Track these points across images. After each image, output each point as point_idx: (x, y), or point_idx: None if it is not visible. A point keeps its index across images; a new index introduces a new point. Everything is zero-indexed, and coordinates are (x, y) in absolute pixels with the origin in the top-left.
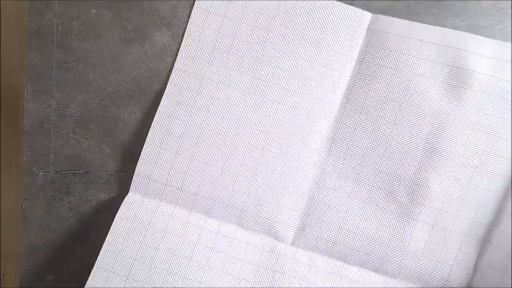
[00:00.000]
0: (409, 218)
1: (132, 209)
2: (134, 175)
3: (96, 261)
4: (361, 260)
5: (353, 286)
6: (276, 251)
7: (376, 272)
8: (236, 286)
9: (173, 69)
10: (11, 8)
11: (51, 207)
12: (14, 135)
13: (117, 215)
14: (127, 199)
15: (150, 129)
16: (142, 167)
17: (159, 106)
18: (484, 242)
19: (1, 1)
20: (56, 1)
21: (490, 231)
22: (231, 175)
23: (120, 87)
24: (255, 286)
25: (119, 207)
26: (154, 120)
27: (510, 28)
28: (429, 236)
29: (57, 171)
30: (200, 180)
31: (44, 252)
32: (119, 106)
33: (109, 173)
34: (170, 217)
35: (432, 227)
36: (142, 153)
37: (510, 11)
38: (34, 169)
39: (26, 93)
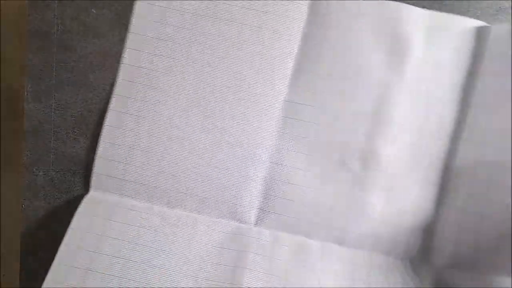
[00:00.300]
0: (364, 186)
1: (92, 206)
2: (92, 174)
3: (55, 259)
4: (324, 234)
5: (318, 261)
6: (239, 233)
7: (340, 244)
8: (200, 268)
9: (121, 64)
10: (11, 8)
11: (51, 207)
12: (14, 135)
13: (76, 213)
14: (86, 197)
15: (103, 127)
16: (99, 165)
17: (109, 103)
18: (438, 202)
19: (1, 1)
20: (56, 1)
21: (442, 191)
22: (188, 164)
23: None
24: (220, 267)
25: None
26: (105, 118)
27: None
28: (385, 202)
29: (57, 171)
30: (158, 173)
31: (44, 252)
32: None
33: None
34: (130, 211)
35: (388, 192)
36: (97, 151)
37: (510, 11)
38: (34, 169)
39: (26, 93)
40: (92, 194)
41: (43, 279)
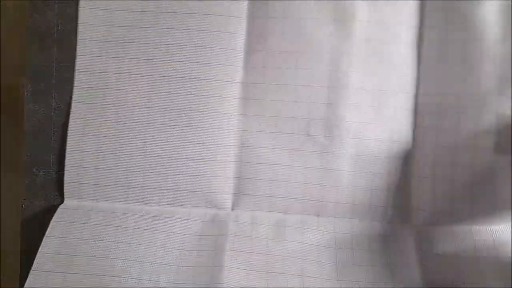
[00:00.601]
0: (333, 154)
1: (67, 213)
2: (64, 182)
3: (32, 267)
4: (300, 208)
5: (298, 234)
6: (217, 219)
7: (317, 216)
8: (180, 258)
9: (75, 72)
10: (11, 8)
11: (51, 207)
12: (14, 135)
13: (51, 221)
14: (61, 206)
15: (68, 135)
16: (70, 174)
17: (71, 112)
18: (406, 161)
19: (1, 1)
20: (56, 1)
21: (411, 147)
22: (156, 160)
23: None
24: (200, 253)
25: None
26: (69, 125)
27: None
28: (356, 167)
29: (57, 171)
30: (128, 172)
31: None
32: None
33: None
34: (106, 213)
35: (356, 157)
36: (66, 159)
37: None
38: (34, 169)
39: (26, 93)
40: (66, 203)
41: None
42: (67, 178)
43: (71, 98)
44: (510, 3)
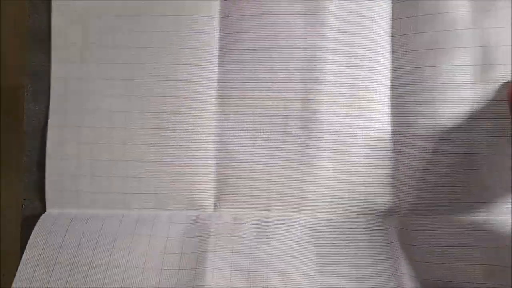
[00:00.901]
0: (311, 150)
1: (49, 222)
2: (45, 192)
3: (14, 278)
4: (281, 205)
5: (279, 232)
6: (199, 221)
7: (299, 212)
8: (163, 260)
9: (51, 79)
10: (11, 8)
11: None
12: (14, 135)
13: (33, 231)
14: (43, 216)
15: (47, 143)
16: (50, 182)
17: (49, 120)
18: (385, 153)
19: (1, 1)
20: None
21: (387, 139)
22: (135, 164)
23: None
24: (183, 256)
25: None
26: (47, 134)
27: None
28: (335, 162)
29: None
30: (108, 178)
31: None
32: None
33: None
34: (87, 220)
35: (335, 152)
36: (46, 167)
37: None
38: (34, 169)
39: (26, 93)
40: (48, 212)
41: None
42: (48, 186)
43: None
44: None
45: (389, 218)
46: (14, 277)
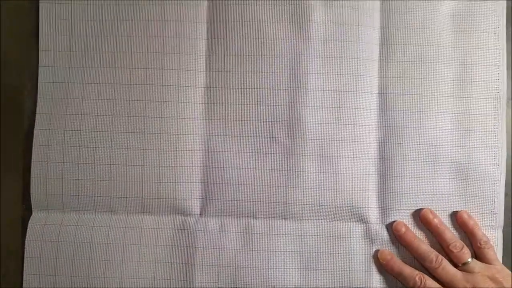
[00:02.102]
0: (296, 156)
1: (39, 230)
2: (31, 194)
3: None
4: (267, 211)
5: (264, 240)
6: (186, 227)
7: (284, 219)
8: (154, 271)
9: (38, 83)
10: (11, 8)
11: None
12: (14, 135)
13: (26, 239)
14: (31, 221)
15: (33, 146)
16: (36, 185)
17: (35, 123)
18: (370, 160)
19: (1, 1)
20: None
21: (372, 147)
22: (120, 168)
23: None
24: (173, 266)
25: None
26: (34, 137)
27: (510, 28)
28: (320, 168)
29: None
30: (93, 181)
31: None
32: None
33: None
34: (77, 227)
35: (320, 158)
36: (31, 172)
37: (510, 11)
38: None
39: (26, 93)
40: (35, 215)
41: None
42: (33, 189)
43: None
44: (505, 4)
45: (377, 225)
46: (14, 277)
